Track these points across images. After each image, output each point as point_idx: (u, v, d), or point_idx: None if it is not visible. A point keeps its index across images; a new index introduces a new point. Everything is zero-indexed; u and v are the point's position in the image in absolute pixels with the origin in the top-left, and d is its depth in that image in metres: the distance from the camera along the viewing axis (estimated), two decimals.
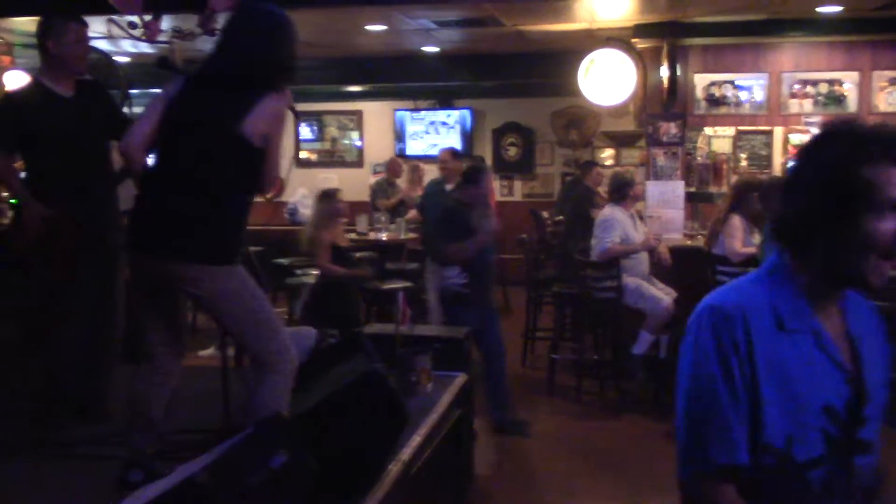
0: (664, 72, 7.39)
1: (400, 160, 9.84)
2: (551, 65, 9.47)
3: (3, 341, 4.39)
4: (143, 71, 7.74)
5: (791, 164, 1.62)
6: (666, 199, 7.37)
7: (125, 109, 4.59)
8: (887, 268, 1.48)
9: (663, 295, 6.02)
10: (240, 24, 3.09)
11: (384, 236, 7.93)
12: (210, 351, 6.63)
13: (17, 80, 5.44)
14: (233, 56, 3.04)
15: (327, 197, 6.34)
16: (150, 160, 3.19)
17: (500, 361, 5.37)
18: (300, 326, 5.40)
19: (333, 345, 3.91)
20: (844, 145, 1.46)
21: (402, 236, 7.95)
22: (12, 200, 4.44)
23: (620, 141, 11.30)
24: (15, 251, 4.09)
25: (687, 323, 1.61)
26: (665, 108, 7.53)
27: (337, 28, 7.45)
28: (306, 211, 9.50)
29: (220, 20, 4.89)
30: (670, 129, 7.53)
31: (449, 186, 7.01)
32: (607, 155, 11.38)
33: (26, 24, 4.63)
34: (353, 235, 8.24)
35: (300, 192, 9.75)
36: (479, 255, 5.34)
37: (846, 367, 1.55)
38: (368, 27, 7.46)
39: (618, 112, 9.95)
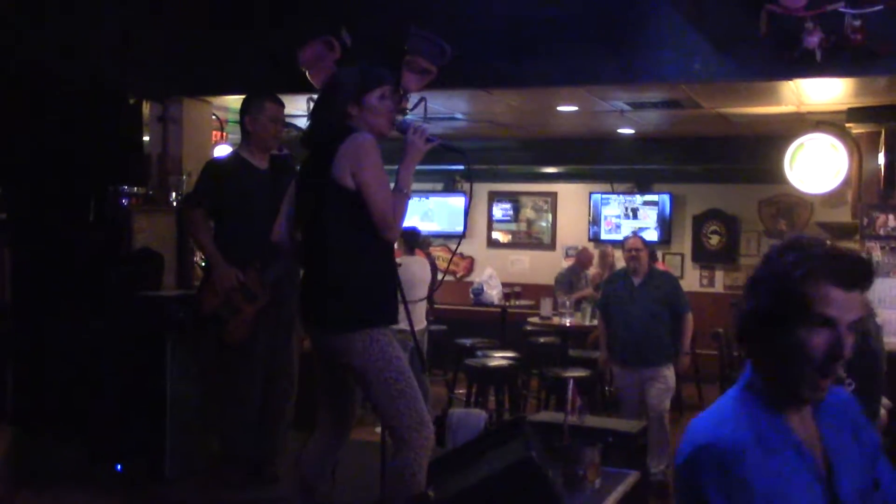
0: (881, 159, 6.82)
1: (590, 249, 9.61)
2: (759, 149, 8.98)
3: (187, 399, 4.57)
4: None
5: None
6: (882, 297, 6.70)
7: None
8: (825, 384, 1.52)
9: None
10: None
11: (568, 322, 7.73)
12: None
13: (223, 152, 5.82)
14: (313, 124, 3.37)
15: None
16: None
17: None
18: (472, 409, 5.30)
19: (495, 429, 3.78)
20: (793, 257, 1.55)
21: (587, 322, 7.70)
22: (203, 263, 4.68)
23: (835, 232, 10.54)
24: (203, 311, 4.28)
25: (676, 461, 1.55)
26: (883, 198, 6.92)
27: (530, 109, 7.47)
28: (493, 292, 9.46)
29: (412, 99, 5.02)
30: (888, 221, 6.90)
31: (636, 280, 5.89)
32: None
33: (238, 101, 4.96)
34: (535, 319, 8.10)
35: (487, 272, 9.74)
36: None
37: (823, 477, 1.55)
38: (560, 108, 7.42)
39: (833, 201, 9.28)
